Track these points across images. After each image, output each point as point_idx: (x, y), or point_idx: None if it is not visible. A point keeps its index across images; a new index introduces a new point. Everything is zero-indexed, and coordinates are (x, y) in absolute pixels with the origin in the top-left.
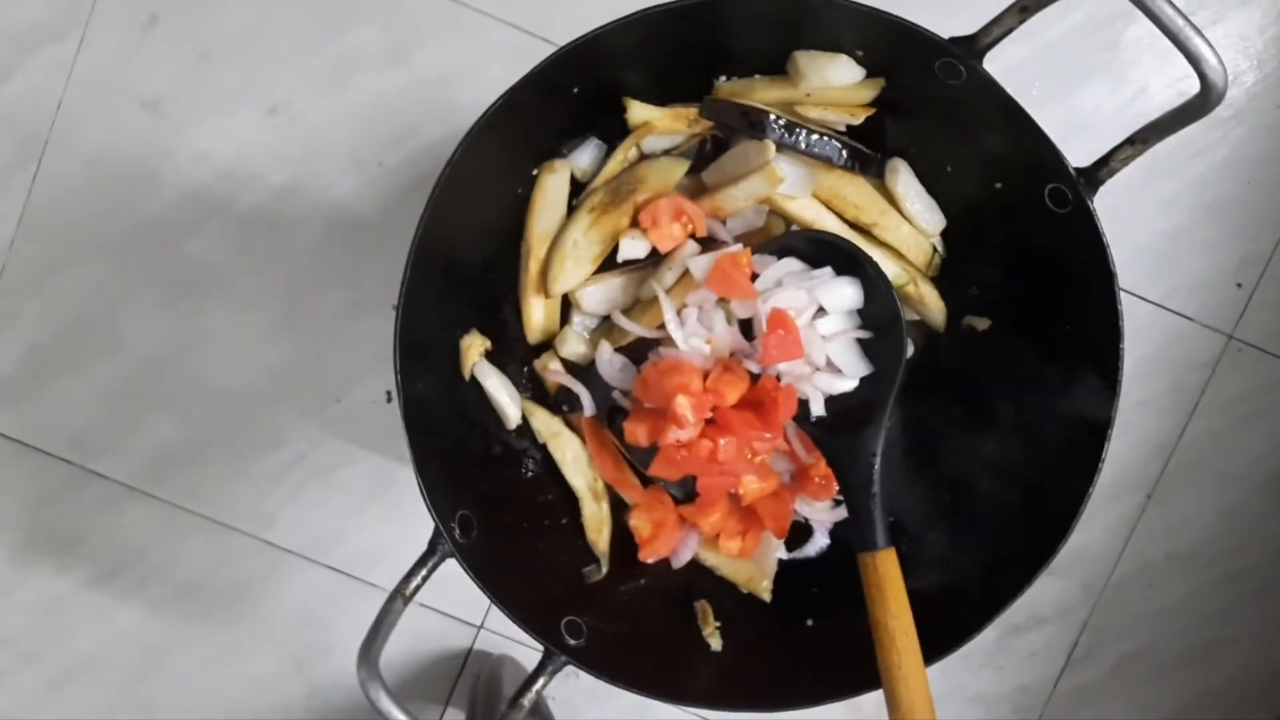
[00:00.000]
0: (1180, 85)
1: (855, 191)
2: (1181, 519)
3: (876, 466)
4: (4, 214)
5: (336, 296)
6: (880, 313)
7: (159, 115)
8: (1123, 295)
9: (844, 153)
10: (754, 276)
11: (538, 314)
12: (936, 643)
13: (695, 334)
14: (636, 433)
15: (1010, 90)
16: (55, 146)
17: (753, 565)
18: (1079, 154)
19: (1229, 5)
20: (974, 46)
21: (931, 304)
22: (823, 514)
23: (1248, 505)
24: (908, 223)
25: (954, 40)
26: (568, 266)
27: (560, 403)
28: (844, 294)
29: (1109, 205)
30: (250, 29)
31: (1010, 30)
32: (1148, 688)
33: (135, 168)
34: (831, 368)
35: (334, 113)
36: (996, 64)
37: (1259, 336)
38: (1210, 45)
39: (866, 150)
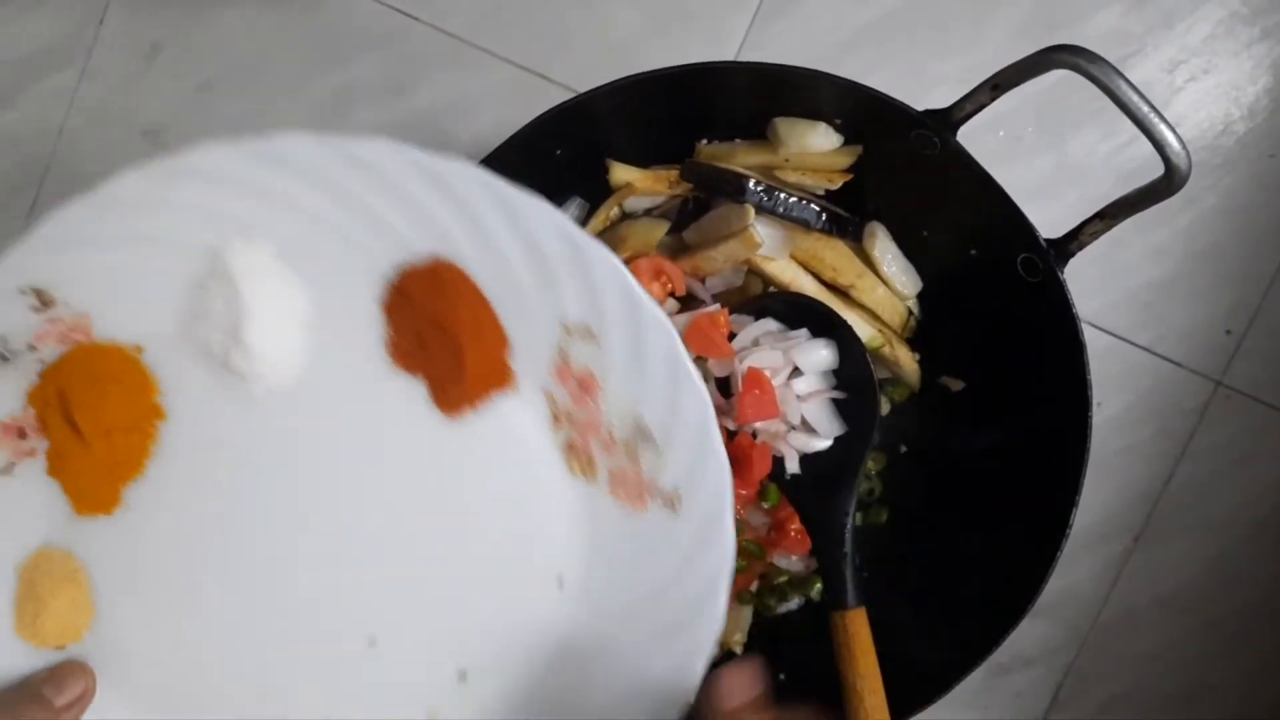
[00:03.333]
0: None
1: (833, 254)
2: (1168, 563)
3: (849, 526)
4: (4, 235)
5: None
6: (855, 374)
7: (158, 144)
8: (1112, 340)
9: (822, 216)
10: (732, 336)
11: None
12: (906, 702)
13: None
14: None
15: (1003, 136)
16: (56, 171)
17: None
18: (1070, 199)
19: (1220, 54)
20: (948, 119)
21: (906, 365)
22: (798, 567)
23: (1233, 551)
24: (884, 285)
25: (928, 113)
26: None
27: None
28: (819, 355)
29: (1100, 251)
30: (251, 60)
31: (983, 105)
32: None
33: None
34: (806, 427)
35: None
36: (989, 111)
37: (1247, 383)
38: (1174, 130)
39: (844, 214)
